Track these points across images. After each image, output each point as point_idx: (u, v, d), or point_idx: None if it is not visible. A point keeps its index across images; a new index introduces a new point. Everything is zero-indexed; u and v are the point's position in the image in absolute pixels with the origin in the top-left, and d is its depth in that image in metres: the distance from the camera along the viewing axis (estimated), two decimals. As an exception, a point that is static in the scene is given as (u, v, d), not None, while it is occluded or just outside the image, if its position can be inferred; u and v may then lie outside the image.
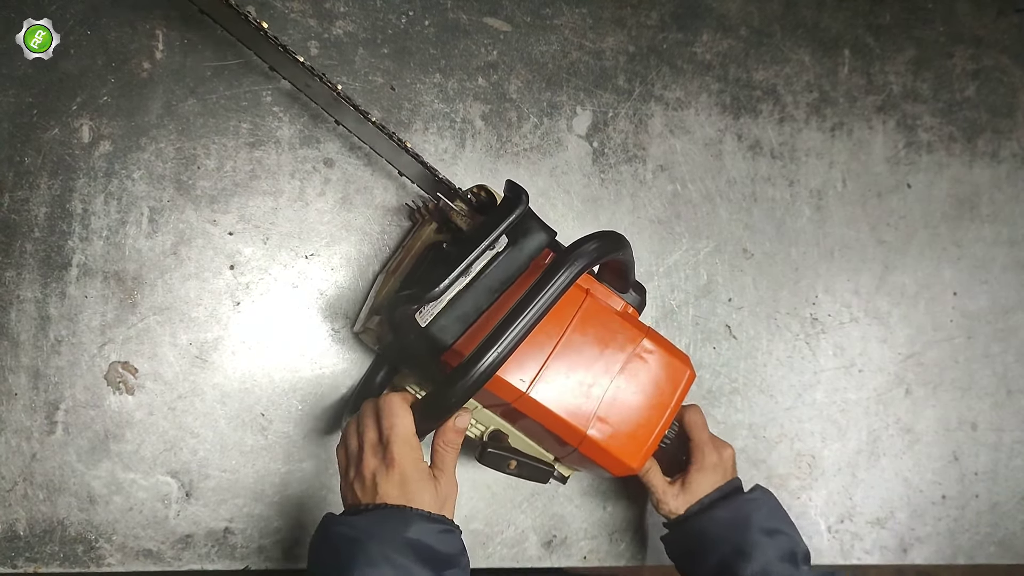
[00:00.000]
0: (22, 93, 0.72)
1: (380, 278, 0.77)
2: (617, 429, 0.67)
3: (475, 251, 0.63)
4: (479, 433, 0.72)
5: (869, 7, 0.97)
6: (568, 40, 0.86)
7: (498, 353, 0.56)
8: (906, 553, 1.00)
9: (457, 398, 0.57)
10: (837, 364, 0.96)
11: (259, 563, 0.78)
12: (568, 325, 0.66)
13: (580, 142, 0.86)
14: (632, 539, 0.90)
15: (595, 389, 0.66)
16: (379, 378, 0.76)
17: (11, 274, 0.72)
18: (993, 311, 1.01)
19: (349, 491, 0.62)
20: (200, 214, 0.76)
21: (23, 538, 0.73)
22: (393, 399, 0.61)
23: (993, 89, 1.01)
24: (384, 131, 0.69)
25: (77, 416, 0.74)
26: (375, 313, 0.72)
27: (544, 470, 0.73)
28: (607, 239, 0.61)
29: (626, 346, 0.67)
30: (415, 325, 0.63)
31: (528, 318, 0.57)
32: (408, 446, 0.60)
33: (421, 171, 0.72)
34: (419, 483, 0.59)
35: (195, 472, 0.76)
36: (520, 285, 0.66)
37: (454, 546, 0.59)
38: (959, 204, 1.00)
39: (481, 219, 0.70)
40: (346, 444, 0.64)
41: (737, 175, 0.92)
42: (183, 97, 0.75)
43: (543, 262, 0.67)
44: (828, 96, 0.95)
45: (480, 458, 0.70)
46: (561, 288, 0.58)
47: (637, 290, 0.74)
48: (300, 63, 0.65)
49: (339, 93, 0.67)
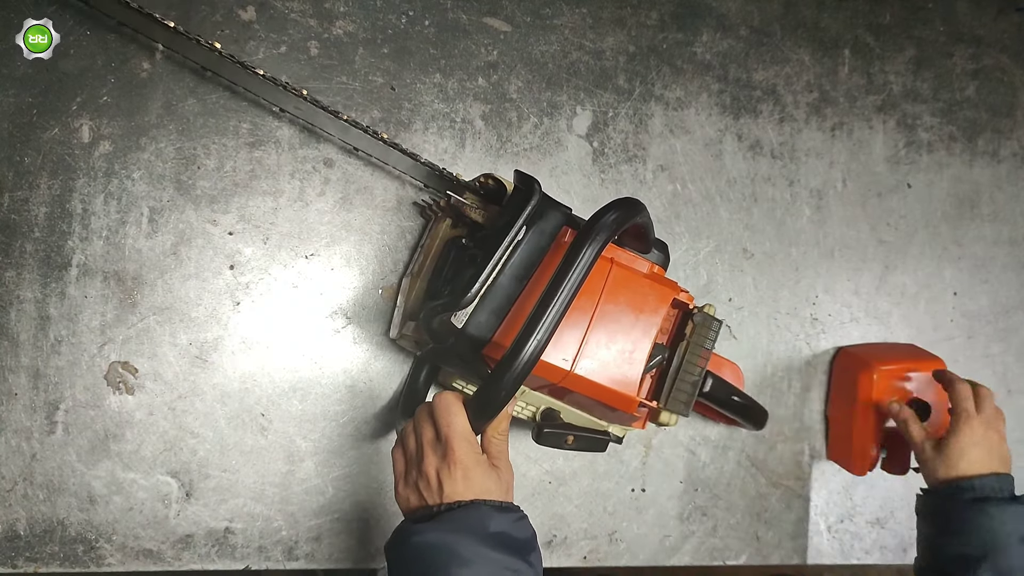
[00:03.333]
0: (22, 93, 0.72)
1: (406, 282, 0.77)
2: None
3: (499, 250, 0.63)
4: (532, 413, 0.72)
5: (869, 7, 0.97)
6: (568, 40, 0.86)
7: (538, 340, 0.56)
8: (906, 553, 1.00)
9: (506, 391, 0.58)
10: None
11: (259, 563, 0.78)
12: (600, 297, 0.66)
13: (580, 142, 0.86)
14: (632, 539, 0.90)
15: (637, 353, 0.67)
16: (422, 378, 0.77)
17: (11, 274, 0.72)
18: (993, 311, 1.01)
19: (412, 492, 0.61)
20: (200, 214, 0.76)
21: (23, 538, 0.73)
22: (447, 398, 0.62)
23: (993, 88, 1.01)
24: (386, 142, 0.70)
25: (77, 416, 0.74)
26: (410, 319, 0.73)
27: (601, 439, 0.73)
28: (623, 207, 0.61)
29: (659, 307, 0.68)
30: (452, 328, 0.64)
31: (561, 300, 0.57)
32: (467, 441, 0.60)
33: (425, 170, 0.73)
34: (483, 475, 0.60)
35: (195, 472, 0.76)
36: (546, 267, 0.66)
37: (528, 531, 0.60)
38: (959, 204, 1.00)
39: (494, 208, 0.71)
40: (403, 445, 0.64)
41: (737, 175, 0.92)
42: (183, 97, 0.75)
43: (564, 240, 0.67)
44: (828, 96, 0.95)
45: (537, 438, 0.70)
46: (587, 265, 0.58)
47: (659, 247, 0.74)
48: (288, 89, 0.67)
49: (341, 117, 0.69)
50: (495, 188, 0.71)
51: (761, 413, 0.81)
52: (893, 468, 0.91)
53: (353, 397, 0.80)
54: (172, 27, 0.65)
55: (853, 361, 0.93)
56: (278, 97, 0.70)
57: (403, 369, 0.81)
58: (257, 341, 0.77)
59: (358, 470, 0.81)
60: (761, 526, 0.95)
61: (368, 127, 0.71)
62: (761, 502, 0.95)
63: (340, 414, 0.80)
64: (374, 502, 0.81)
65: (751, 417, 0.80)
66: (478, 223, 0.71)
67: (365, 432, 0.81)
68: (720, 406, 0.78)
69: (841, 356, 0.96)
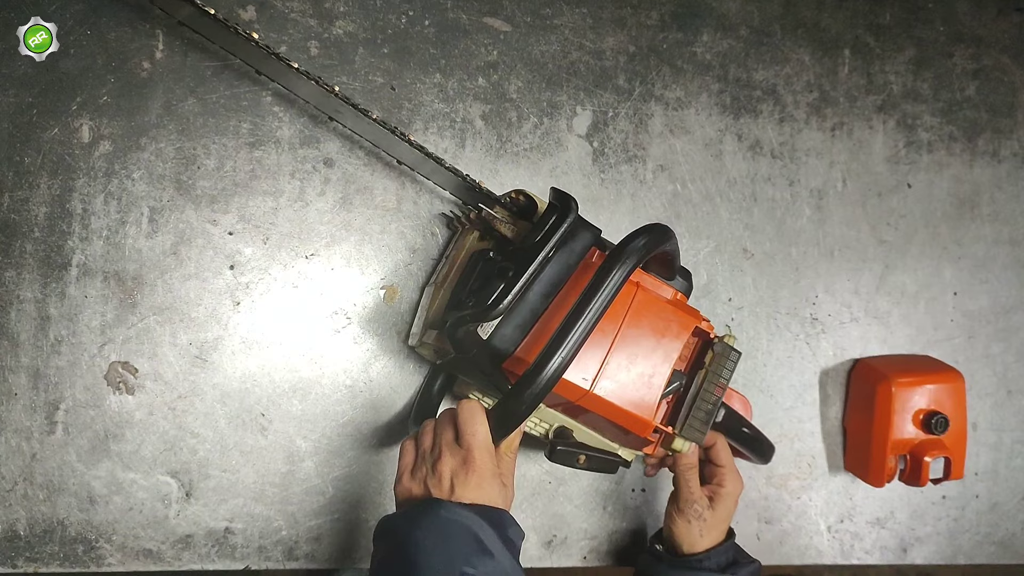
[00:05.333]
0: (22, 93, 0.72)
1: (429, 291, 0.78)
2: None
3: (533, 265, 0.64)
4: (544, 431, 0.73)
5: (869, 7, 0.97)
6: (568, 40, 0.86)
7: (562, 358, 0.57)
8: (906, 553, 1.00)
9: (527, 406, 0.58)
10: (837, 364, 0.96)
11: (259, 563, 0.78)
12: (623, 319, 0.67)
13: (580, 142, 0.86)
14: (632, 539, 0.90)
15: (656, 378, 0.67)
16: (436, 387, 0.78)
17: (11, 274, 0.72)
18: (993, 311, 1.01)
19: (417, 486, 0.62)
20: (200, 214, 0.76)
21: (23, 538, 0.73)
22: (473, 406, 0.63)
23: (993, 88, 1.01)
24: (421, 150, 0.70)
25: (77, 416, 0.74)
26: (431, 328, 0.73)
27: (612, 461, 0.74)
28: (655, 233, 0.62)
29: (681, 333, 0.69)
30: (477, 339, 0.65)
31: (587, 321, 0.58)
32: (488, 452, 0.61)
33: (456, 180, 0.73)
34: (495, 489, 0.61)
35: (195, 472, 0.76)
36: (572, 285, 0.67)
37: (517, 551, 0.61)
38: (959, 204, 1.00)
39: (524, 224, 0.71)
40: (418, 442, 0.65)
41: (737, 175, 0.92)
42: (183, 97, 0.75)
43: (591, 260, 0.68)
44: (828, 96, 0.95)
45: (550, 456, 0.71)
46: (616, 287, 0.59)
47: (683, 275, 0.74)
48: (338, 96, 0.67)
49: (374, 119, 0.68)
50: (526, 204, 0.72)
51: (768, 447, 0.82)
52: (911, 480, 0.91)
53: (353, 397, 0.80)
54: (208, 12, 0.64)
55: (871, 373, 0.93)
56: (323, 101, 0.70)
57: (403, 369, 0.81)
58: (257, 341, 0.77)
59: (358, 470, 0.81)
60: (761, 526, 0.95)
61: (404, 134, 0.70)
62: (761, 502, 0.95)
63: (340, 414, 0.80)
64: (374, 502, 0.81)
65: (759, 450, 0.81)
66: (506, 237, 0.72)
67: (365, 432, 0.81)
68: (730, 437, 0.79)
69: (859, 367, 0.96)
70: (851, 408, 0.96)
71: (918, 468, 0.90)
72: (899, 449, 0.91)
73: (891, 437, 0.90)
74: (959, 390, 0.92)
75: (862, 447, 0.93)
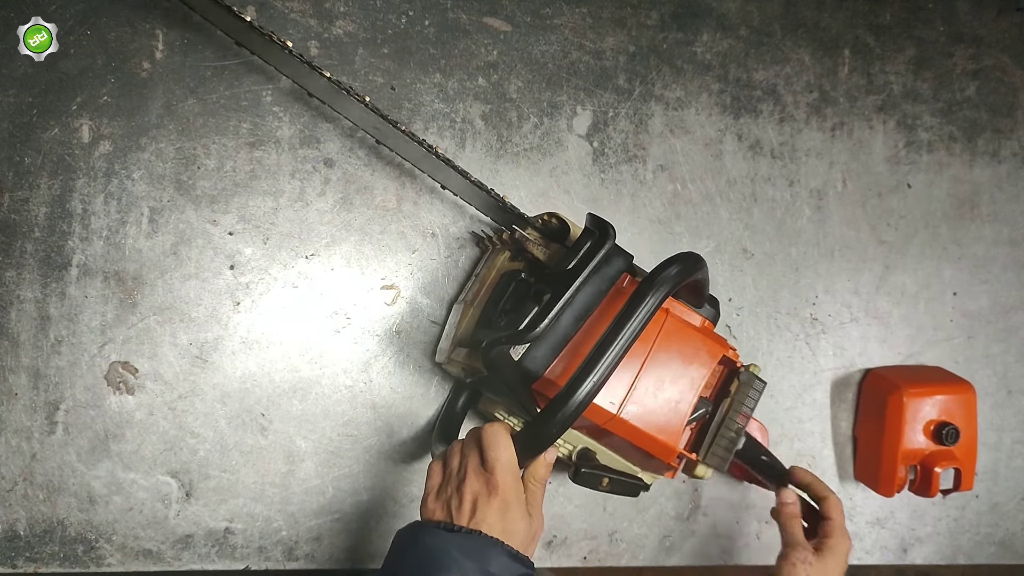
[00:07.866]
0: (22, 93, 0.72)
1: (458, 308, 0.78)
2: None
3: (569, 291, 0.64)
4: (568, 452, 0.73)
5: (869, 7, 0.97)
6: (568, 40, 0.86)
7: (593, 383, 0.57)
8: (906, 553, 1.00)
9: (557, 429, 0.59)
10: (837, 364, 0.96)
11: (259, 563, 0.79)
12: (652, 345, 0.68)
13: (580, 142, 0.86)
14: (632, 539, 0.90)
15: (682, 405, 0.68)
16: (460, 404, 0.78)
17: (11, 274, 0.72)
18: (993, 311, 1.01)
19: (440, 507, 0.62)
20: (200, 214, 0.76)
21: (23, 538, 0.73)
22: (500, 429, 0.63)
23: (993, 89, 1.01)
24: (460, 172, 0.70)
25: (77, 416, 0.74)
26: (460, 345, 0.73)
27: (635, 484, 0.75)
28: (687, 262, 0.63)
29: (709, 361, 0.69)
30: (509, 360, 0.65)
31: (618, 348, 0.58)
32: (513, 476, 0.61)
33: (490, 201, 0.73)
34: (518, 516, 0.60)
35: (195, 472, 0.76)
36: (603, 310, 0.67)
37: None
38: (959, 204, 1.00)
39: (556, 246, 0.72)
40: (446, 462, 0.65)
41: (737, 175, 0.92)
42: (183, 97, 0.75)
43: (623, 286, 0.69)
44: (828, 96, 0.95)
45: (574, 477, 0.71)
46: (649, 314, 0.60)
47: (711, 303, 0.76)
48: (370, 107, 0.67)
49: (424, 145, 0.68)
50: (558, 227, 0.73)
51: (783, 474, 0.82)
52: (921, 491, 0.92)
53: (353, 397, 0.80)
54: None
55: (882, 383, 0.94)
56: (346, 107, 0.70)
57: (404, 370, 0.81)
58: (257, 341, 0.77)
59: (358, 470, 0.81)
60: (761, 526, 0.95)
61: (442, 152, 0.70)
62: (761, 502, 0.95)
63: (340, 414, 0.80)
64: (374, 502, 0.81)
65: (774, 477, 0.82)
66: (539, 260, 0.72)
67: (365, 432, 0.81)
68: (749, 464, 0.79)
69: (870, 378, 0.96)
70: (862, 418, 0.96)
71: (928, 479, 0.90)
72: (909, 459, 0.91)
73: (902, 447, 0.90)
74: (970, 401, 0.92)
75: (872, 457, 0.93)
